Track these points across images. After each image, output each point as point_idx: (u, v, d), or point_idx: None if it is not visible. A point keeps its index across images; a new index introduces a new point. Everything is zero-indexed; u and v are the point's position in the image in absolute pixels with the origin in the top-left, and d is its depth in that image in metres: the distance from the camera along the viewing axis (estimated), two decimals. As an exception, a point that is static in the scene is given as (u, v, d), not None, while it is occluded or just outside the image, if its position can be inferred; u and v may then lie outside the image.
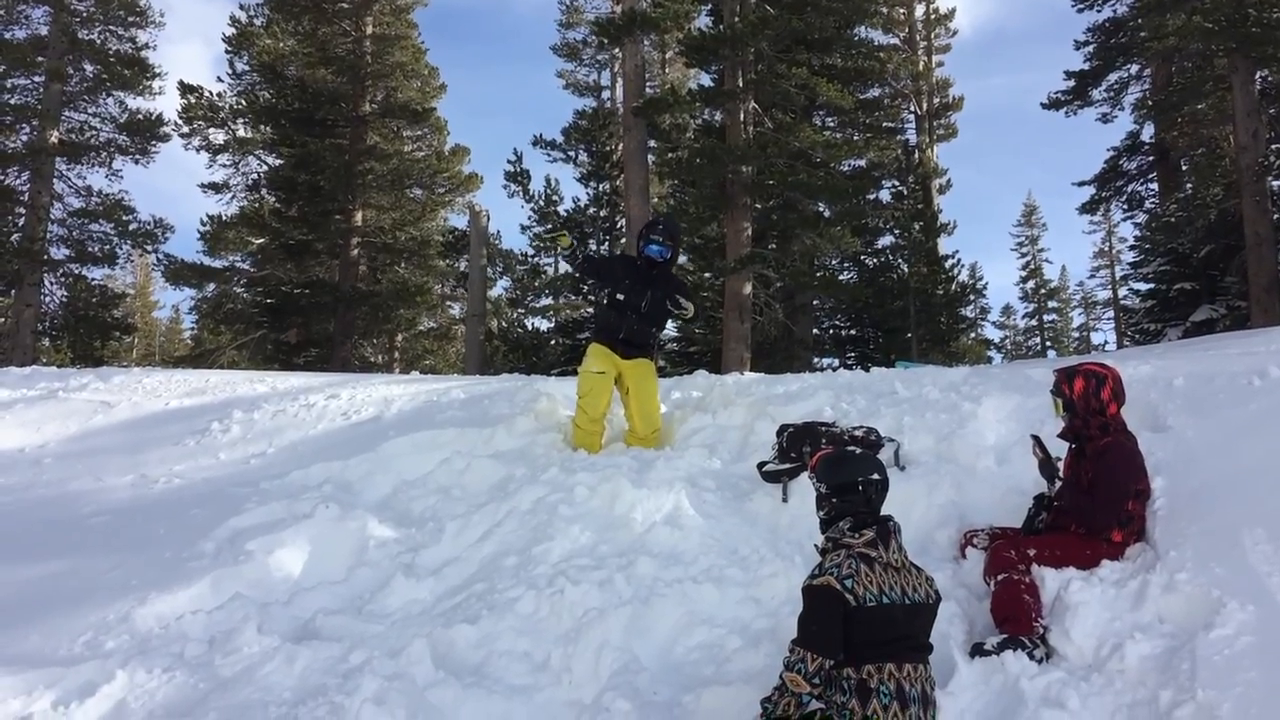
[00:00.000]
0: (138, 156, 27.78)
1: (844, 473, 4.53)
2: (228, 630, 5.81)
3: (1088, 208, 30.62)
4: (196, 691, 5.29)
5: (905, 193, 29.47)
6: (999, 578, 5.14)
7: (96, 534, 7.55)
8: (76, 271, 27.56)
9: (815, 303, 27.49)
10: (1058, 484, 5.52)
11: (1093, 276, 52.75)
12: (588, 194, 28.98)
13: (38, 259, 25.16)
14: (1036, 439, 5.71)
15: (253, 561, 6.68)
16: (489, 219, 26.64)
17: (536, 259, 29.54)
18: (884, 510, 4.52)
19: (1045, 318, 54.88)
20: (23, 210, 26.01)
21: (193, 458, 9.30)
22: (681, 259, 28.99)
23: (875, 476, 4.50)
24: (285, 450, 9.36)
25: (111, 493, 8.48)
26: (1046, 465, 5.59)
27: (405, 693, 4.87)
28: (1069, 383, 5.64)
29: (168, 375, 12.95)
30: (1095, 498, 5.32)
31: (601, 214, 28.54)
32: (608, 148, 29.25)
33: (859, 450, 5.65)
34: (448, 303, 33.61)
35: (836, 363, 27.68)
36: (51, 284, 27.04)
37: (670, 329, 30.22)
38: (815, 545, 4.56)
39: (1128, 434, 5.57)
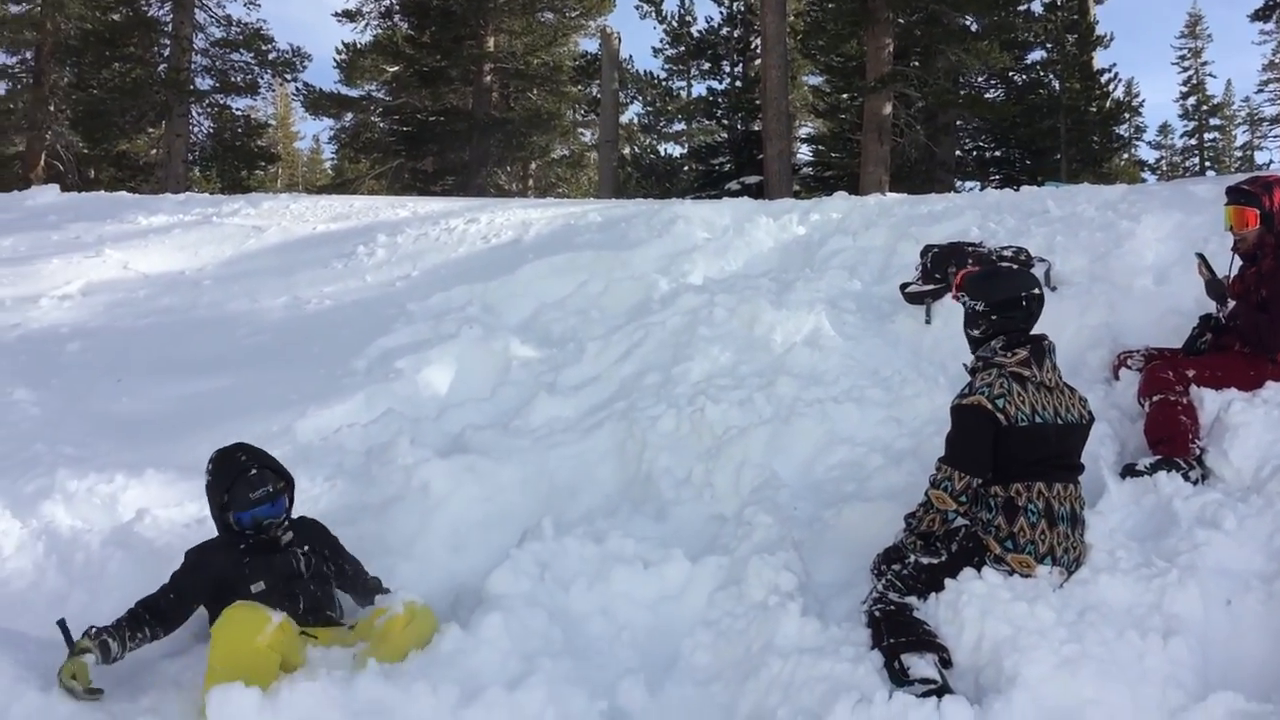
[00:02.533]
0: (273, -17, 27.82)
1: (1005, 288, 4.34)
2: (383, 443, 6.07)
3: (1260, 15, 28.23)
4: (357, 499, 5.59)
5: (1059, 3, 27.63)
6: (1154, 399, 4.97)
7: (256, 352, 7.91)
8: (221, 102, 28.13)
9: (959, 123, 26.32)
10: (1230, 304, 5.24)
11: (1260, 91, 49.36)
12: (720, 12, 27.93)
13: (184, 89, 25.68)
14: (1202, 257, 5.42)
15: (402, 379, 6.92)
16: (621, 42, 26.09)
17: (669, 82, 28.94)
18: (1034, 331, 4.38)
19: (1206, 136, 51.78)
20: (167, 41, 26.49)
21: (341, 280, 9.58)
22: (818, 79, 28.08)
23: (1036, 291, 4.33)
24: (428, 273, 9.56)
25: (267, 314, 8.83)
26: (1214, 284, 5.31)
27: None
28: (1268, 194, 5.26)
29: (313, 201, 13.29)
30: (1269, 315, 5.04)
31: (735, 34, 27.61)
32: (742, -38, 28.09)
33: (1013, 266, 5.44)
34: (580, 129, 33.31)
35: (979, 186, 26.67)
36: (198, 114, 27.67)
37: (805, 152, 29.55)
38: (964, 365, 4.46)
39: None
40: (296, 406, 6.62)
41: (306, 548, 4.54)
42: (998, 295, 4.33)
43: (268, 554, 4.43)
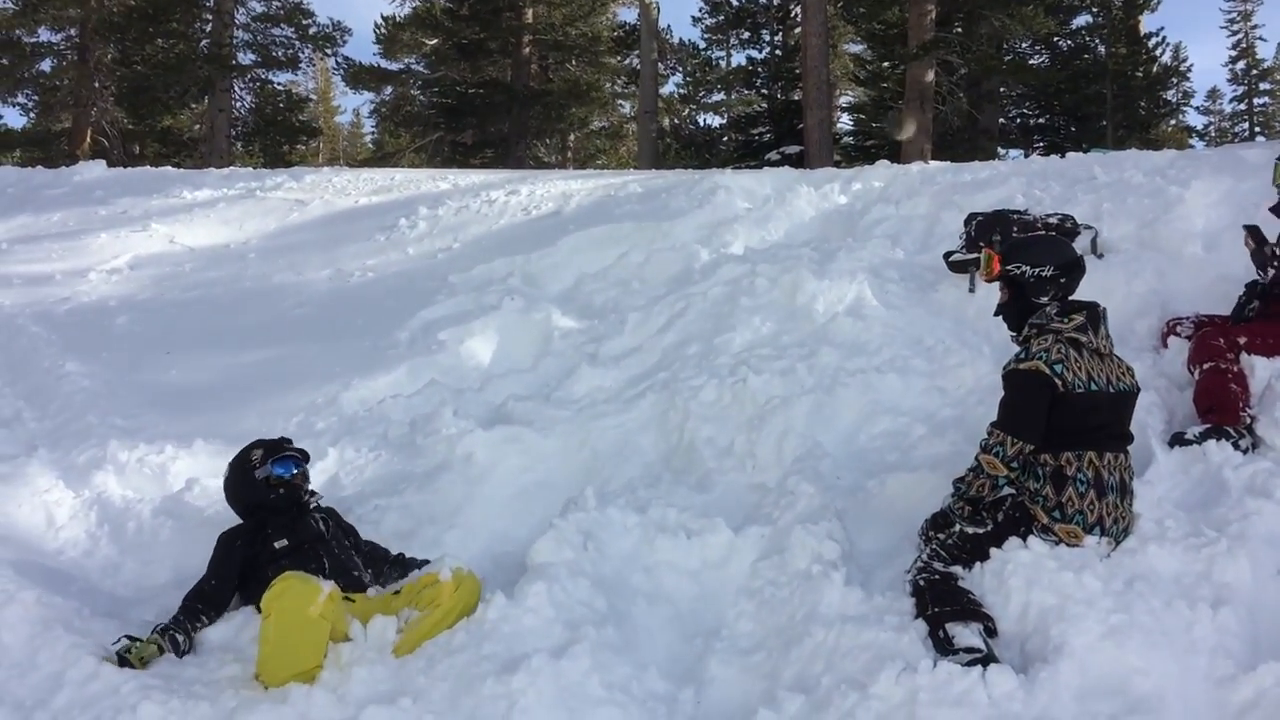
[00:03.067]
0: (313, -43, 27.88)
1: (1065, 250, 4.32)
2: (426, 414, 6.13)
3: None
4: (402, 469, 5.65)
5: (1105, -34, 27.14)
6: (1205, 366, 4.89)
7: (301, 324, 8.00)
8: (263, 76, 28.35)
9: (1002, 90, 25.97)
10: (1273, 270, 5.16)
11: (1313, 54, 48.24)
12: (760, -20, 27.75)
13: (226, 64, 25.90)
14: (1249, 228, 5.32)
15: (445, 350, 6.98)
16: (659, 12, 25.98)
17: (708, 52, 28.77)
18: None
19: (1256, 101, 50.68)
20: (209, 16, 26.68)
21: (383, 252, 9.64)
22: (859, 47, 27.76)
23: (1078, 255, 4.32)
24: (470, 245, 9.60)
25: (311, 286, 8.92)
26: (1259, 254, 5.22)
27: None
28: None
29: (355, 174, 13.37)
30: None
31: (775, 2, 27.36)
32: (782, -71, 27.79)
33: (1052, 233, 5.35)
34: (619, 100, 33.21)
35: (1023, 154, 26.31)
36: (240, 89, 27.91)
37: (846, 121, 29.26)
38: (1011, 335, 4.41)
39: None
40: (341, 378, 6.69)
41: (327, 518, 4.76)
42: (1063, 257, 4.28)
43: (291, 518, 4.63)
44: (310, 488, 4.85)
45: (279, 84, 29.43)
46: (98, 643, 3.98)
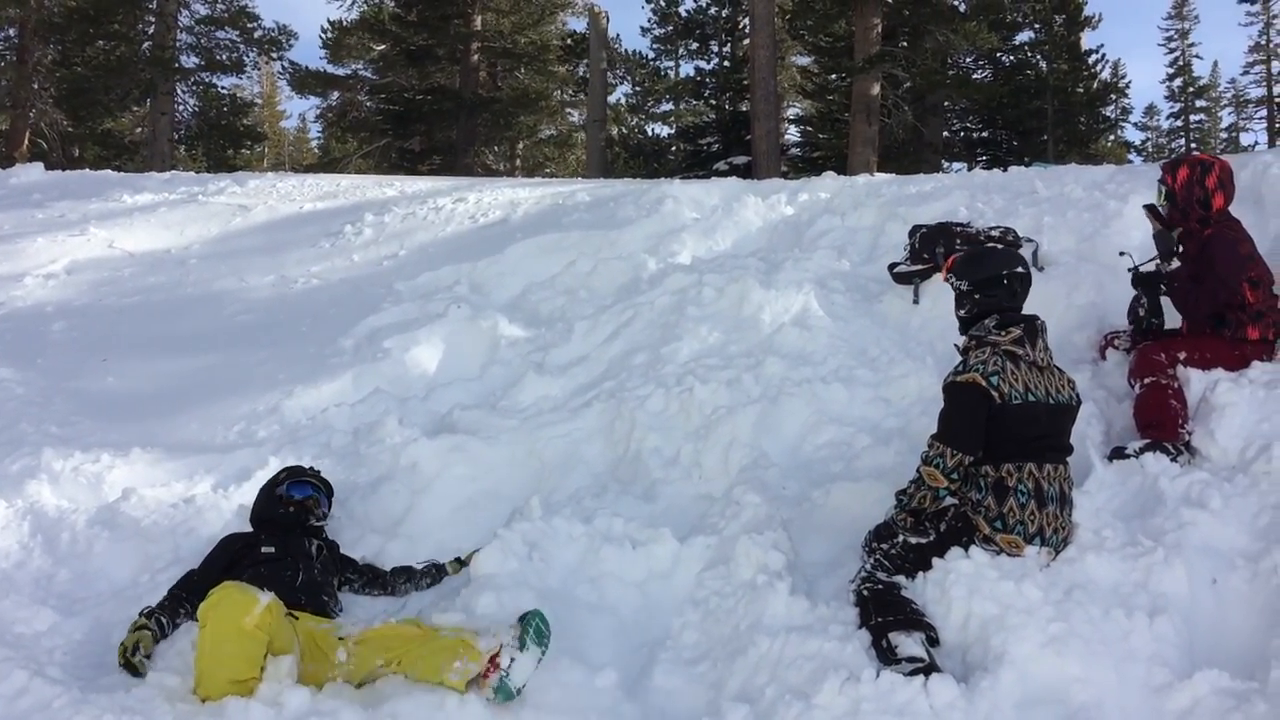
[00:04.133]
0: (258, -40, 27.64)
1: (986, 267, 4.39)
2: (370, 423, 6.07)
3: (1248, -4, 28.26)
4: (345, 479, 5.58)
5: (1048, -17, 27.59)
6: (1146, 381, 4.96)
7: (243, 331, 7.90)
8: (206, 80, 27.93)
9: (946, 104, 26.29)
10: (1175, 263, 5.19)
11: (1246, 73, 49.25)
12: (709, -10, 27.86)
13: (169, 67, 25.49)
14: (1150, 207, 5.42)
15: (390, 358, 6.92)
16: (608, 21, 25.94)
17: (657, 62, 28.82)
18: (1024, 311, 4.39)
19: (1192, 118, 51.77)
20: (151, 18, 26.27)
21: (328, 259, 9.54)
22: (806, 60, 27.98)
23: (1019, 270, 4.36)
24: (416, 252, 9.53)
25: (254, 292, 8.80)
26: (1163, 236, 5.23)
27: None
28: (1172, 172, 5.30)
29: (300, 180, 13.22)
30: (1201, 290, 5.04)
31: (723, 13, 27.50)
32: (731, -58, 27.93)
33: (999, 246, 5.43)
34: (568, 109, 33.18)
35: (966, 167, 26.65)
36: (183, 93, 27.47)
37: (793, 133, 29.46)
38: (955, 345, 4.47)
39: (1233, 225, 5.23)
40: (284, 386, 6.62)
41: (324, 546, 4.85)
42: (980, 274, 4.38)
43: (286, 532, 4.75)
44: (321, 516, 5.00)
45: (223, 88, 29.01)
46: (29, 656, 3.88)
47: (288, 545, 4.64)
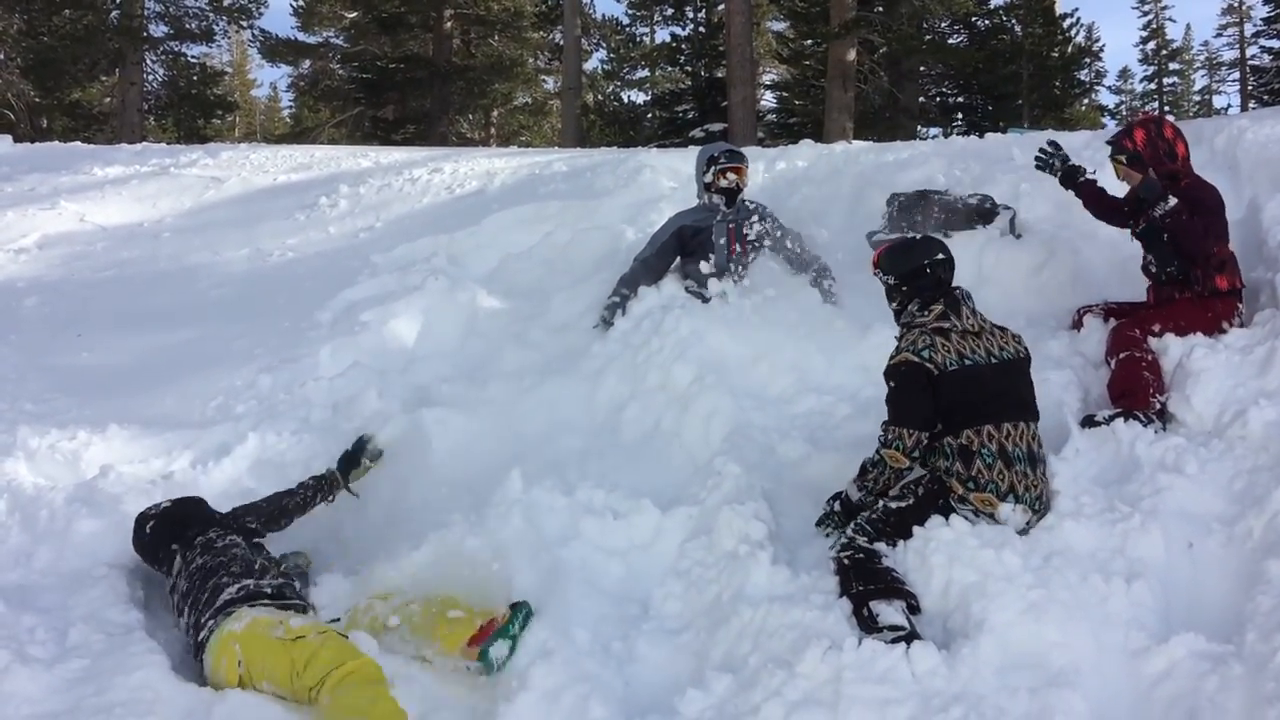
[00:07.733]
0: (226, -73, 27.18)
1: (909, 259, 4.48)
2: (349, 396, 6.03)
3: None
4: (324, 453, 5.55)
5: (1022, -54, 27.47)
6: (1120, 356, 4.99)
7: (219, 305, 7.84)
8: (176, 49, 27.58)
9: (922, 69, 26.27)
10: (1172, 200, 5.12)
11: (1219, 35, 49.48)
12: (681, -43, 27.64)
13: (137, 36, 25.18)
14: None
15: (368, 332, 6.86)
16: (583, -14, 25.77)
17: (632, 28, 28.68)
18: (971, 283, 4.47)
19: (1165, 81, 51.92)
20: (119, -14, 25.93)
21: (303, 231, 9.47)
22: (782, 25, 27.86)
23: (940, 256, 4.46)
24: (392, 224, 9.47)
25: (229, 265, 8.74)
26: (1153, 182, 5.21)
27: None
28: (1129, 137, 5.37)
29: (273, 151, 13.11)
30: (1192, 235, 5.07)
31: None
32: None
33: (916, 235, 5.42)
34: (542, 76, 32.95)
35: (942, 132, 26.62)
36: (153, 62, 27.14)
37: (769, 99, 29.36)
38: (895, 337, 4.51)
39: (1197, 177, 5.33)
40: (261, 360, 6.57)
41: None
42: (904, 266, 4.48)
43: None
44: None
45: (193, 57, 28.70)
46: (9, 635, 3.86)
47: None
